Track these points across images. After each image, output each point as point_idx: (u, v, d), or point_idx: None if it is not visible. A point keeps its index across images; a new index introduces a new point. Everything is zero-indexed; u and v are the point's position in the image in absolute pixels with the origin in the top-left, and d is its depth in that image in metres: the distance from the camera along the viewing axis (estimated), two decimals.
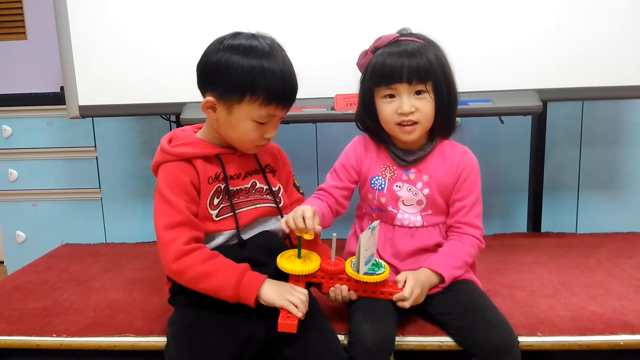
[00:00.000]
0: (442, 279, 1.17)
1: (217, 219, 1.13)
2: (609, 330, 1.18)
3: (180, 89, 1.74)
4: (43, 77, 2.56)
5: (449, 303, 1.16)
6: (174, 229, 1.07)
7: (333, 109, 1.72)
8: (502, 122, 1.89)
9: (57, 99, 2.18)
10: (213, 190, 1.13)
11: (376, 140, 1.28)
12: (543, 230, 2.05)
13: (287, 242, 1.22)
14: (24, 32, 2.58)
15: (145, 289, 1.49)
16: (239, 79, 1.07)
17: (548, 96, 1.72)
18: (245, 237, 1.15)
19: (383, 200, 1.25)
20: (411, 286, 1.11)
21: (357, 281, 1.10)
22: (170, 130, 2.14)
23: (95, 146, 2.27)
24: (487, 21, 1.70)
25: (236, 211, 1.15)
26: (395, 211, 1.25)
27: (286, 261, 1.10)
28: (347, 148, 1.32)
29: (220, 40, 1.12)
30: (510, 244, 1.83)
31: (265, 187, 1.20)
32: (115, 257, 1.82)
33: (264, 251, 1.15)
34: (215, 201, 1.13)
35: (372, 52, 1.21)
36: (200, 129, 1.21)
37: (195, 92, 1.16)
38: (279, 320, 1.01)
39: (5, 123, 2.25)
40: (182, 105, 1.75)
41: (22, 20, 2.56)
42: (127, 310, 1.35)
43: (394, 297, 1.11)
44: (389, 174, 1.25)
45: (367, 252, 1.09)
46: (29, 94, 2.31)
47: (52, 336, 1.23)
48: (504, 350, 1.06)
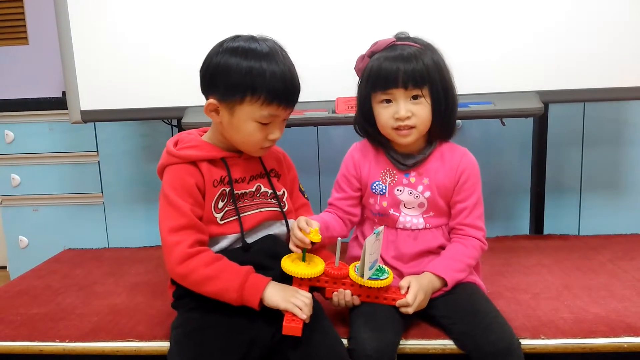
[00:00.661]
0: (445, 283, 1.17)
1: (222, 222, 1.13)
2: (613, 333, 1.17)
3: (181, 93, 1.74)
4: (45, 82, 2.56)
5: (450, 306, 1.16)
6: (178, 232, 1.07)
7: (334, 112, 1.72)
8: (503, 124, 1.89)
9: (59, 103, 2.18)
10: (218, 194, 1.13)
11: (375, 144, 1.28)
12: (545, 232, 2.05)
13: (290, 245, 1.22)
14: (25, 37, 2.59)
15: (148, 294, 1.49)
16: (239, 80, 1.07)
17: (549, 98, 1.72)
18: (249, 240, 1.15)
19: (385, 204, 1.25)
20: (414, 292, 1.11)
21: (361, 286, 1.10)
22: (172, 134, 2.16)
23: (97, 151, 2.27)
24: (488, 23, 1.70)
25: (241, 215, 1.15)
26: (397, 214, 1.25)
27: (290, 264, 1.10)
28: (345, 158, 1.32)
29: (221, 44, 1.13)
30: (513, 246, 1.82)
31: (269, 191, 1.20)
32: (118, 261, 1.82)
33: (268, 255, 1.15)
34: (220, 204, 1.13)
35: (369, 56, 1.21)
36: (206, 132, 1.21)
37: (196, 96, 1.16)
38: (284, 323, 1.01)
39: (7, 128, 2.25)
40: (183, 109, 1.76)
41: (24, 26, 2.57)
42: (130, 315, 1.35)
43: (397, 303, 1.11)
44: (390, 178, 1.25)
45: (371, 257, 1.09)
46: (31, 99, 2.31)
47: (55, 341, 1.23)
48: (505, 354, 1.06)
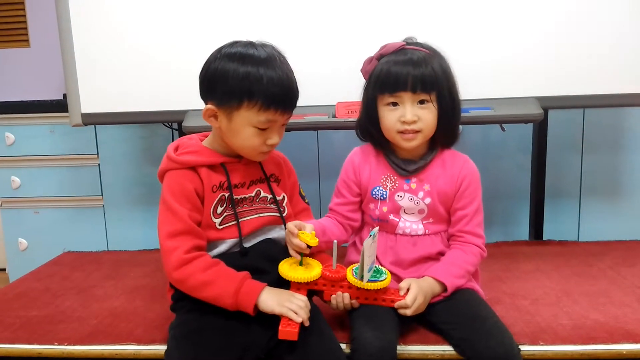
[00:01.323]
0: (444, 288, 1.17)
1: (221, 227, 1.14)
2: (612, 339, 1.17)
3: (182, 97, 1.75)
4: (46, 84, 2.57)
5: (449, 312, 1.16)
6: (175, 237, 1.08)
7: (334, 116, 1.72)
8: (503, 129, 1.89)
9: (59, 106, 2.19)
10: (217, 199, 1.13)
11: (377, 147, 1.28)
12: (545, 238, 2.05)
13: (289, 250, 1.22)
14: (26, 40, 2.59)
15: (147, 297, 1.49)
16: (236, 85, 1.07)
17: (549, 104, 1.72)
18: (247, 245, 1.15)
19: (385, 209, 1.25)
20: (414, 294, 1.11)
21: (359, 288, 1.10)
22: (172, 137, 2.16)
23: (97, 153, 2.27)
24: (488, 29, 1.70)
25: (240, 220, 1.15)
26: (397, 220, 1.25)
27: (288, 269, 1.11)
28: (345, 163, 1.32)
29: (219, 50, 1.13)
30: (512, 252, 1.82)
31: (269, 196, 1.20)
32: (117, 264, 1.82)
33: (265, 259, 1.15)
34: (219, 210, 1.14)
35: (377, 59, 1.22)
36: (208, 136, 1.21)
37: (197, 99, 1.17)
38: (280, 327, 1.01)
39: (8, 130, 2.25)
40: (184, 112, 1.76)
41: (25, 28, 2.58)
42: (128, 318, 1.35)
43: (396, 305, 1.11)
44: (390, 184, 1.25)
45: (369, 260, 1.09)
46: (32, 101, 2.32)
47: (54, 344, 1.23)
48: None
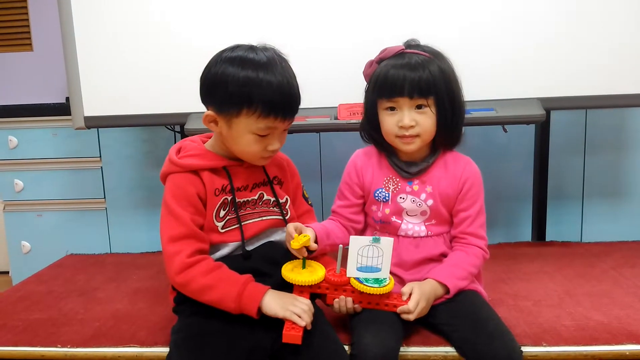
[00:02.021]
0: (447, 290, 1.17)
1: (223, 230, 1.13)
2: (615, 340, 1.17)
3: (184, 100, 1.75)
4: (49, 88, 2.58)
5: (452, 314, 1.16)
6: (178, 241, 1.08)
7: (336, 118, 1.72)
8: (505, 130, 1.89)
9: (62, 109, 2.20)
10: (220, 202, 1.13)
11: (380, 149, 1.28)
12: (547, 239, 2.04)
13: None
14: (29, 44, 2.60)
15: (149, 299, 1.49)
16: (235, 92, 1.06)
17: (551, 105, 1.72)
18: (250, 248, 1.15)
19: (387, 211, 1.25)
20: (416, 299, 1.11)
21: (362, 293, 1.10)
22: (175, 140, 2.16)
23: (100, 156, 2.28)
24: (490, 30, 1.71)
25: (242, 223, 1.15)
26: (399, 222, 1.25)
27: (291, 272, 1.10)
28: (348, 165, 1.32)
29: (220, 53, 1.12)
30: (515, 253, 1.82)
31: (272, 199, 1.20)
32: (120, 267, 1.82)
33: (268, 262, 1.15)
34: (222, 213, 1.13)
35: (377, 62, 1.22)
36: (210, 138, 1.21)
37: (199, 102, 1.16)
38: (284, 331, 1.01)
39: (11, 134, 2.26)
40: (186, 115, 1.76)
41: (28, 32, 2.59)
42: (131, 320, 1.35)
43: (398, 310, 1.11)
44: (392, 186, 1.25)
45: (362, 259, 1.09)
46: (35, 104, 2.33)
47: (56, 347, 1.23)
48: None
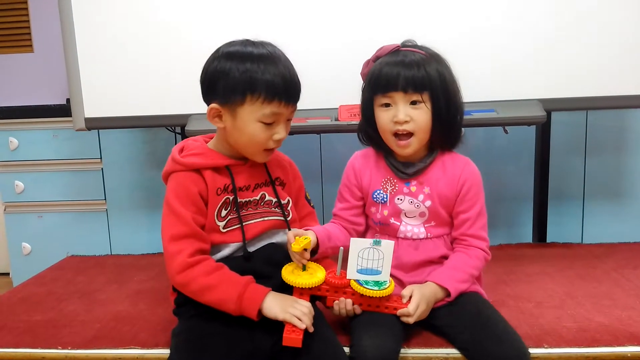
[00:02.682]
0: (447, 293, 1.17)
1: (224, 230, 1.13)
2: (616, 342, 1.17)
3: (185, 101, 1.75)
4: (49, 89, 2.58)
5: (456, 316, 1.15)
6: (179, 240, 1.08)
7: (337, 119, 1.72)
8: (506, 132, 1.89)
9: (63, 111, 2.20)
10: (221, 202, 1.13)
11: (378, 149, 1.28)
12: (548, 240, 2.04)
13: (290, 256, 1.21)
14: (30, 45, 2.60)
15: (150, 301, 1.49)
16: (237, 81, 1.07)
17: (552, 106, 1.72)
18: (251, 249, 1.15)
19: (385, 213, 1.25)
20: (416, 302, 1.11)
21: (362, 295, 1.10)
22: (175, 141, 2.16)
23: (100, 158, 2.28)
24: (491, 31, 1.71)
25: (244, 223, 1.14)
26: (398, 224, 1.25)
27: (291, 274, 1.10)
28: (346, 168, 1.32)
29: (217, 50, 1.13)
30: (516, 254, 1.82)
31: (274, 199, 1.20)
32: (121, 268, 1.82)
33: (269, 263, 1.15)
34: (223, 213, 1.13)
35: (373, 60, 1.22)
36: (213, 138, 1.21)
37: (200, 103, 1.17)
38: (284, 334, 1.01)
39: (12, 135, 2.26)
40: (187, 117, 1.76)
41: (29, 33, 2.59)
42: (132, 322, 1.35)
43: (398, 313, 1.11)
44: (390, 187, 1.25)
45: (362, 261, 1.09)
46: (35, 106, 2.33)
47: (57, 348, 1.23)
48: None
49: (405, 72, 1.15)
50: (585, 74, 1.70)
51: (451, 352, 1.14)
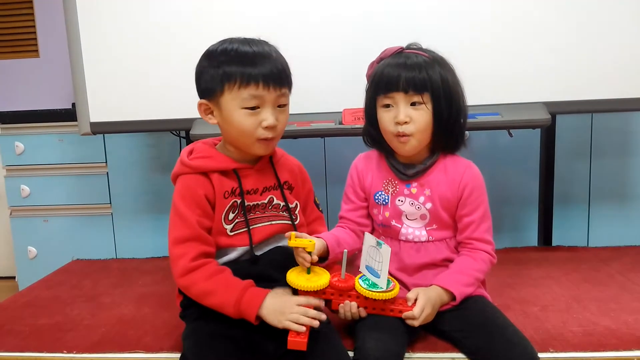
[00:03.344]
0: (453, 297, 1.16)
1: (232, 233, 1.13)
2: (623, 346, 1.16)
3: (189, 105, 1.73)
4: (55, 94, 2.59)
5: (462, 320, 1.15)
6: (183, 243, 1.08)
7: (341, 123, 1.72)
8: (510, 135, 1.89)
9: (68, 115, 2.21)
10: (229, 205, 1.13)
11: (380, 150, 1.28)
12: (554, 243, 2.03)
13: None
14: (36, 50, 2.62)
15: (155, 304, 1.49)
16: (214, 72, 1.10)
17: (557, 109, 1.72)
18: (258, 252, 1.15)
19: (387, 215, 1.25)
20: (421, 305, 1.10)
21: (367, 298, 1.09)
22: (180, 145, 2.17)
23: (106, 162, 2.29)
24: (496, 35, 1.70)
25: (251, 227, 1.14)
26: (399, 226, 1.25)
27: (296, 278, 1.10)
28: (350, 170, 1.32)
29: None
30: (521, 258, 1.81)
31: (282, 203, 1.19)
32: (126, 272, 1.82)
33: (275, 267, 1.14)
34: (231, 216, 1.13)
35: (377, 62, 1.23)
36: (221, 140, 1.21)
37: None
38: (289, 337, 1.01)
39: (18, 140, 2.27)
40: (191, 120, 1.77)
41: (35, 38, 2.61)
42: (137, 325, 1.35)
43: (403, 315, 1.10)
44: (392, 188, 1.25)
45: (369, 258, 1.10)
46: (41, 110, 2.33)
47: (62, 352, 1.23)
48: None
49: (407, 73, 1.15)
50: (590, 77, 1.70)
51: (456, 356, 1.14)
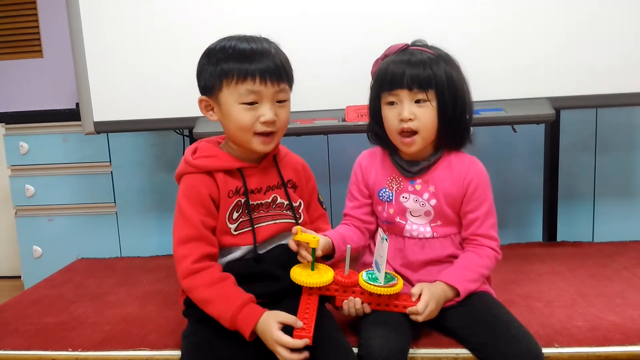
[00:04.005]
0: (457, 293, 1.16)
1: (236, 233, 1.13)
2: (628, 341, 1.15)
3: (192, 104, 1.73)
4: (59, 93, 2.60)
5: (467, 317, 1.14)
6: (186, 244, 1.08)
7: (344, 120, 1.72)
8: (514, 130, 1.88)
9: (72, 115, 2.22)
10: (233, 204, 1.13)
11: (385, 147, 1.28)
12: (559, 239, 2.02)
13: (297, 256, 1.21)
14: (40, 50, 2.63)
15: (159, 303, 1.49)
16: (212, 69, 1.11)
17: (561, 104, 1.71)
18: (262, 251, 1.15)
19: (391, 211, 1.25)
20: (426, 301, 1.10)
21: (371, 294, 1.09)
22: (184, 144, 2.17)
23: (110, 161, 2.29)
24: (499, 30, 1.70)
25: (255, 226, 1.14)
26: (404, 222, 1.24)
27: (299, 274, 1.10)
28: (354, 167, 1.32)
29: None
30: (526, 253, 1.81)
31: (286, 202, 1.19)
32: (130, 271, 1.83)
33: (279, 265, 1.15)
34: (235, 215, 1.13)
35: (382, 59, 1.23)
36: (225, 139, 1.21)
37: None
38: (294, 333, 0.99)
39: (22, 140, 2.28)
40: (195, 119, 1.77)
41: (39, 39, 2.62)
42: (141, 324, 1.36)
43: (407, 311, 1.10)
44: (396, 185, 1.25)
45: (377, 255, 1.10)
46: (45, 110, 2.35)
47: (67, 350, 1.24)
48: None
49: (411, 70, 1.14)
50: (594, 71, 1.69)
51: (461, 352, 1.14)
